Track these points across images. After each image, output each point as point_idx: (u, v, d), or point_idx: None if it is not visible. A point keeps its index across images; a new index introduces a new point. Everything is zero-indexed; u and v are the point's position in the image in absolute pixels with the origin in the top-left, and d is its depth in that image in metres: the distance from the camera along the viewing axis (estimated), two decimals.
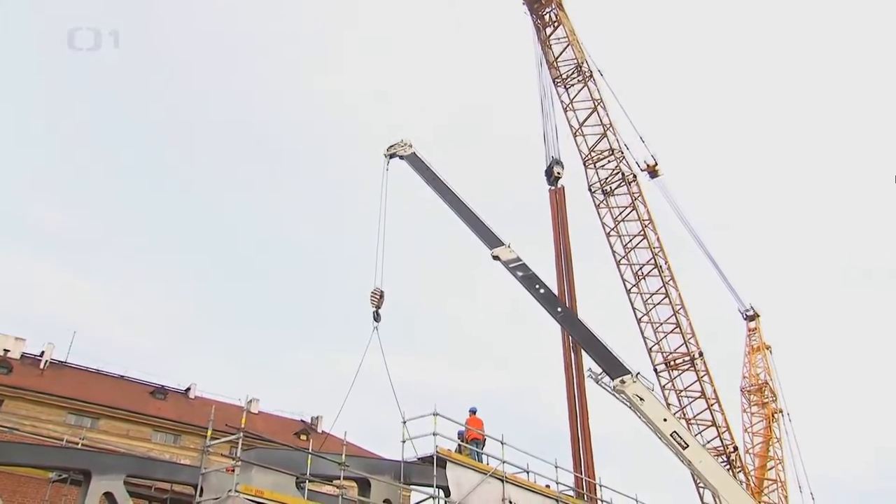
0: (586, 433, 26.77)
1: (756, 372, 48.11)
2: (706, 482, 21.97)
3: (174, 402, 40.39)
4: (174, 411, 38.59)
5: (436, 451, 13.63)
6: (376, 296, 19.47)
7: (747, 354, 49.07)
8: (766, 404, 46.32)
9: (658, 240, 36.95)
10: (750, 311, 49.56)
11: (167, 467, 17.97)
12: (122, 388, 38.94)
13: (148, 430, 36.09)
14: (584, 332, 21.35)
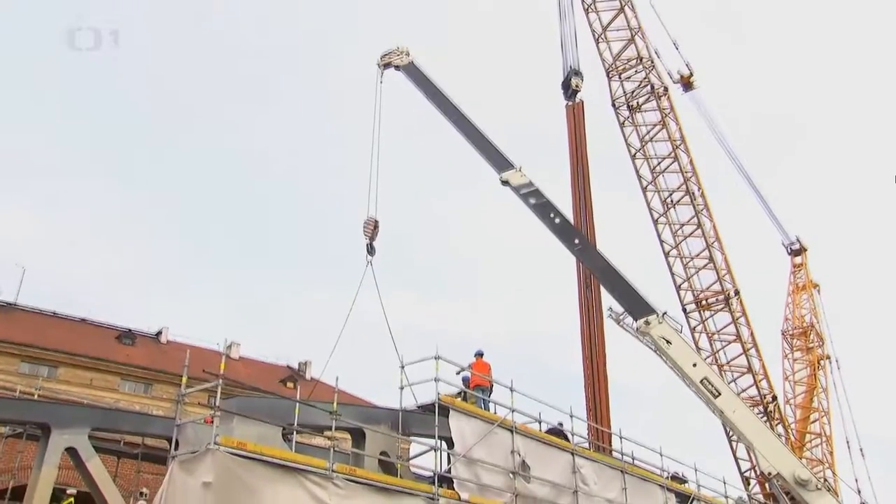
0: (603, 380, 27.29)
1: (801, 313, 48.35)
2: (740, 435, 22.54)
3: (144, 348, 41.00)
4: (144, 357, 39.22)
5: (437, 399, 13.92)
6: (370, 226, 19.49)
7: (791, 294, 49.20)
8: (812, 350, 46.74)
9: (691, 162, 36.68)
10: (796, 245, 49.40)
11: (137, 419, 18.49)
12: (84, 333, 39.41)
13: (115, 378, 36.80)
14: (603, 267, 21.44)
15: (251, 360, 45.17)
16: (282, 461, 10.68)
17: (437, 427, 13.68)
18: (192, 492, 9.83)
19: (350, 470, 11.88)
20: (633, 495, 18.71)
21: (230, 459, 9.96)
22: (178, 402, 11.88)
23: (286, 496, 10.46)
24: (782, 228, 48.32)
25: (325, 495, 10.97)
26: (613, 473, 18.73)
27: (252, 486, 10.08)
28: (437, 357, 14.14)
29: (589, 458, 18.15)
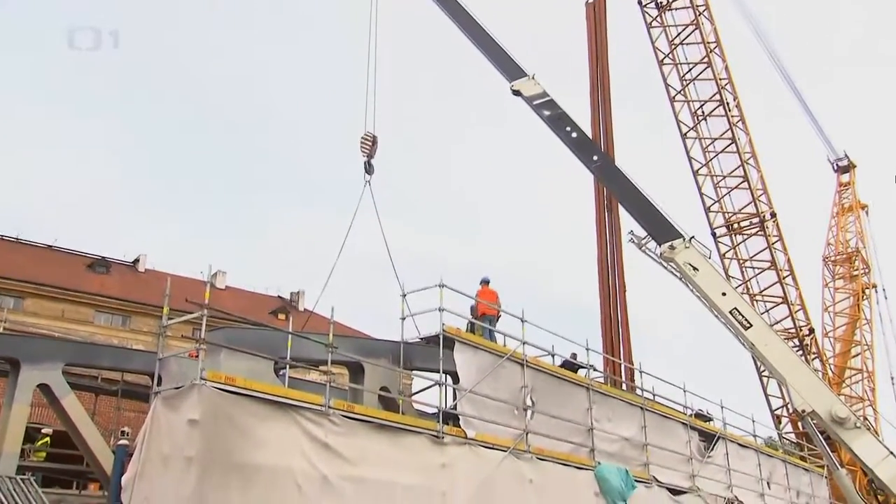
0: (623, 311, 27.61)
1: (845, 237, 48.21)
2: (772, 369, 22.92)
3: (119, 277, 41.43)
4: (120, 288, 39.68)
5: (442, 330, 14.16)
6: (368, 142, 19.39)
7: (835, 216, 48.95)
8: (856, 278, 46.82)
9: (726, 68, 36.05)
10: (843, 161, 48.83)
11: (116, 353, 18.83)
12: (52, 261, 39.75)
13: (88, 310, 37.34)
14: (624, 186, 21.38)
15: (238, 291, 45.65)
16: (274, 397, 10.95)
17: (442, 360, 13.95)
18: (177, 429, 10.12)
19: (348, 406, 12.20)
20: (653, 434, 19.24)
21: (218, 395, 10.21)
22: (159, 335, 12.07)
23: (279, 434, 10.78)
24: (829, 142, 47.67)
25: (322, 433, 11.30)
26: (632, 411, 19.21)
27: (242, 423, 10.37)
28: (441, 285, 14.29)
29: (605, 393, 18.57)
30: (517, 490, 14.45)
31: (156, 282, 39.13)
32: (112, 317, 37.94)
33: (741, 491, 22.56)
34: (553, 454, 15.70)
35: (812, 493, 27.66)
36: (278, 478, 10.50)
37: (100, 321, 37.35)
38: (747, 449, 24.39)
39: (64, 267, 39.54)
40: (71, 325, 35.15)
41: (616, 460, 17.42)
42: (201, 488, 9.61)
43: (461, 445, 13.64)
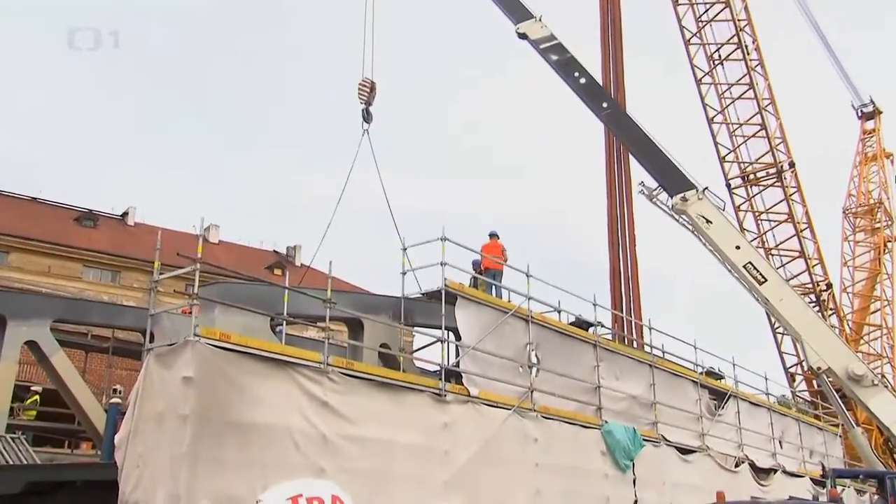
0: (633, 265, 27.70)
1: (868, 188, 47.98)
2: (787, 326, 23.15)
3: (108, 231, 41.50)
4: (109, 242, 39.77)
5: (444, 285, 14.25)
6: (366, 88, 19.28)
7: (858, 165, 48.64)
8: (877, 230, 46.76)
9: (745, 8, 35.56)
10: (868, 107, 48.29)
11: (106, 309, 19.01)
12: (36, 214, 39.78)
13: (76, 265, 37.50)
14: (635, 134, 21.34)
15: (232, 245, 45.78)
16: (271, 354, 11.07)
17: (444, 316, 14.06)
18: (170, 387, 10.26)
19: (347, 364, 12.34)
20: (662, 392, 19.47)
21: (212, 352, 10.33)
22: (151, 290, 12.14)
23: (276, 392, 10.93)
24: (854, 87, 47.08)
25: (320, 391, 11.46)
26: (640, 368, 19.41)
27: (238, 381, 10.51)
28: (443, 238, 14.34)
29: (613, 350, 18.75)
30: (521, 449, 14.69)
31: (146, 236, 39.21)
32: (101, 272, 38.11)
33: (752, 450, 22.90)
34: (559, 413, 15.91)
35: (826, 452, 28.05)
36: (276, 436, 10.68)
37: (88, 277, 37.53)
38: (759, 408, 24.69)
39: (49, 220, 39.57)
40: (58, 281, 35.32)
41: (623, 419, 17.67)
42: (196, 446, 9.79)
43: (464, 404, 13.83)
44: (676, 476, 18.67)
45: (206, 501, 9.73)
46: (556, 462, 15.22)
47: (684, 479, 18.68)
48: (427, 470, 12.70)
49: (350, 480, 11.04)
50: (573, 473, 15.63)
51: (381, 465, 11.74)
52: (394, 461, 12.01)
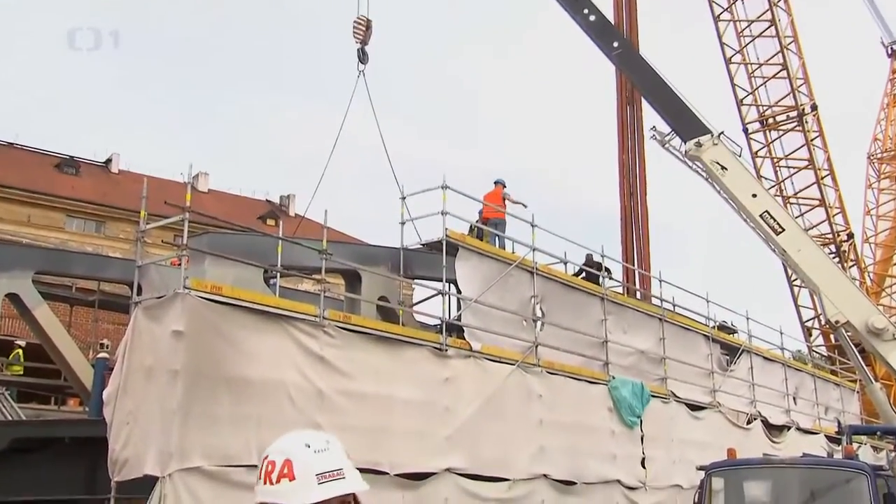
0: (643, 215, 27.72)
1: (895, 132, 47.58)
2: (805, 278, 23.22)
3: (92, 179, 41.42)
4: (92, 190, 39.74)
5: (445, 235, 14.31)
6: (361, 26, 19.05)
7: (886, 107, 48.18)
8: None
9: None
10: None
11: (90, 261, 19.10)
12: (14, 160, 39.60)
13: (59, 215, 37.53)
14: (647, 76, 21.16)
15: (222, 194, 45.74)
16: (264, 307, 11.18)
17: (445, 268, 14.14)
18: (160, 341, 10.38)
19: (344, 317, 12.46)
20: (672, 346, 19.66)
21: (203, 305, 10.43)
22: (137, 241, 12.21)
23: (271, 346, 11.06)
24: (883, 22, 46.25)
25: (316, 345, 11.59)
26: (649, 322, 19.58)
27: (231, 335, 10.63)
28: (443, 186, 14.36)
29: (621, 304, 18.89)
30: (525, 405, 14.90)
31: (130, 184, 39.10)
32: (85, 222, 38.13)
33: (765, 407, 23.20)
34: (564, 368, 16.10)
35: (842, 408, 28.42)
36: (270, 391, 10.84)
37: (71, 227, 37.56)
38: (773, 363, 24.95)
39: (29, 167, 39.44)
40: (40, 232, 35.34)
41: (631, 374, 17.88)
42: (188, 402, 9.94)
43: (465, 359, 13.99)
44: (686, 433, 18.96)
45: (199, 458, 9.93)
46: (560, 418, 15.45)
47: (694, 436, 18.97)
48: (427, 426, 12.90)
49: (347, 437, 11.21)
50: (578, 430, 15.87)
51: (379, 421, 11.93)
52: (393, 417, 12.20)
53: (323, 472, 1.70)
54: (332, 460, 1.71)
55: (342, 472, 1.71)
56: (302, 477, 1.70)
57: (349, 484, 1.73)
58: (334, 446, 1.76)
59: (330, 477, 1.70)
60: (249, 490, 7.90)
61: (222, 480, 10.10)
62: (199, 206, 17.08)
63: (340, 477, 1.73)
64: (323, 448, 1.75)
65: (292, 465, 1.72)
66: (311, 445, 1.76)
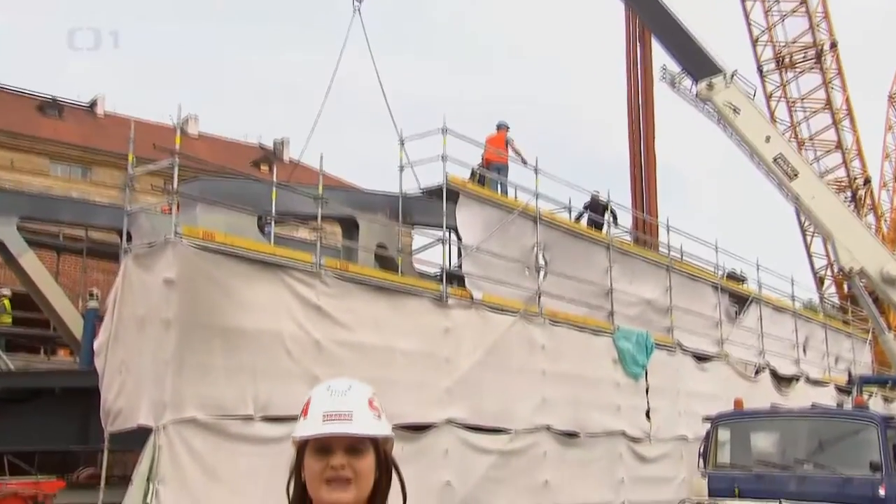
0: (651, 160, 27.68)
1: None
2: (818, 224, 23.31)
3: (76, 122, 41.16)
4: (76, 134, 39.52)
5: (445, 181, 14.32)
6: None
7: None
8: None
9: None
10: None
11: (77, 207, 19.14)
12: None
13: (42, 160, 37.39)
14: (657, 12, 20.93)
15: (213, 138, 45.46)
16: (258, 255, 11.26)
17: (445, 215, 14.18)
18: (152, 290, 10.48)
19: (341, 266, 12.55)
20: (679, 296, 19.79)
21: (195, 253, 10.51)
22: (126, 186, 12.24)
23: (266, 296, 11.16)
24: None
25: (313, 295, 11.70)
26: (656, 271, 19.68)
27: (224, 284, 10.72)
28: (443, 130, 14.33)
29: (627, 252, 18.97)
30: (528, 356, 15.07)
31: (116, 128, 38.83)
32: (70, 167, 37.94)
33: (774, 357, 23.44)
34: (567, 318, 16.25)
35: (853, 358, 28.70)
36: (266, 342, 10.97)
37: (56, 172, 37.39)
38: (783, 313, 25.12)
39: (9, 109, 39.10)
40: (23, 177, 35.21)
41: (637, 324, 18.04)
42: (182, 352, 10.09)
43: (466, 308, 14.12)
44: (692, 384, 19.20)
45: (193, 409, 10.10)
46: (563, 369, 15.64)
47: (700, 387, 19.21)
48: (427, 378, 13.08)
49: None
50: (582, 381, 16.08)
51: (378, 372, 12.07)
52: (392, 368, 12.36)
53: (330, 412, 1.76)
54: (345, 403, 1.78)
55: (350, 415, 1.76)
56: (312, 415, 1.78)
57: (350, 425, 1.75)
58: (355, 392, 1.82)
59: (335, 417, 1.75)
60: (246, 441, 8.10)
61: (218, 431, 10.29)
62: (190, 150, 17.05)
63: (346, 419, 1.75)
64: (341, 391, 1.82)
65: (310, 403, 1.81)
66: (332, 387, 1.83)
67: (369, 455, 1.78)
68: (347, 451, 1.75)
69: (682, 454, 18.00)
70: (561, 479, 15.17)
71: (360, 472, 1.76)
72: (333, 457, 1.74)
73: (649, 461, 17.50)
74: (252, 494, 9.66)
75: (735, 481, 11.27)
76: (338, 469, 1.73)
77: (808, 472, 10.97)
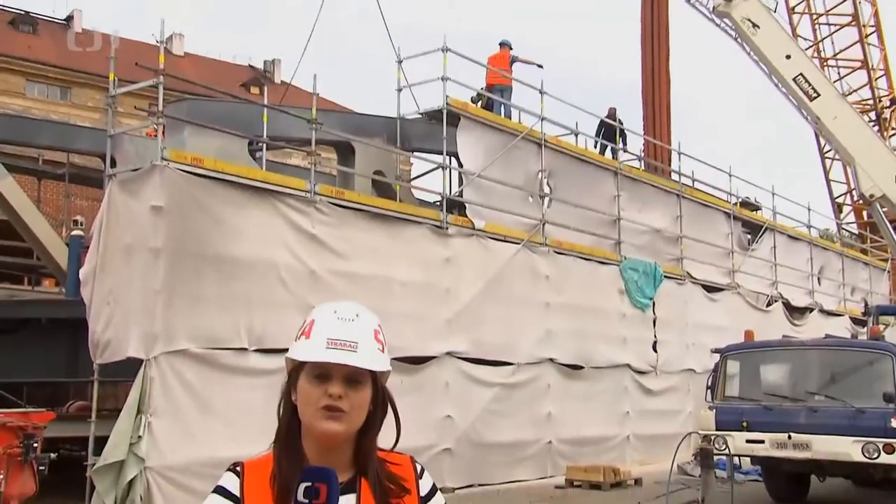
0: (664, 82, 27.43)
1: None
2: (839, 148, 23.19)
3: (51, 40, 40.67)
4: (53, 52, 39.10)
5: (445, 103, 14.28)
6: None
7: None
8: None
9: None
10: None
11: (57, 129, 19.07)
12: None
13: (18, 79, 37.09)
14: None
15: (200, 58, 44.99)
16: (250, 181, 11.31)
17: (445, 139, 14.17)
18: (138, 218, 10.54)
19: (337, 192, 12.60)
20: (690, 225, 19.88)
21: (184, 179, 10.55)
22: (108, 107, 12.18)
23: (258, 224, 11.25)
24: None
25: (308, 223, 11.79)
26: (666, 198, 19.73)
27: (214, 211, 10.80)
28: (444, 49, 14.23)
29: (636, 178, 18.98)
30: (531, 287, 15.24)
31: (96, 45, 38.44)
32: (48, 88, 37.66)
33: (787, 288, 23.64)
34: (573, 247, 16.38)
35: (870, 289, 28.91)
36: (260, 272, 11.11)
37: (33, 93, 37.13)
38: (798, 241, 25.24)
39: None
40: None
41: (645, 254, 18.18)
42: (172, 282, 10.22)
43: (467, 237, 14.23)
44: (701, 316, 19.43)
45: (185, 340, 10.28)
46: (568, 301, 15.83)
47: (709, 319, 19.44)
48: (427, 309, 13.26)
49: None
50: (587, 313, 16.29)
51: (376, 303, 12.15)
52: (390, 299, 12.51)
53: (335, 339, 1.75)
54: (351, 332, 1.77)
55: (355, 345, 1.75)
56: (315, 338, 1.76)
57: (354, 357, 1.75)
58: (363, 321, 1.80)
59: (339, 345, 1.74)
60: (239, 373, 8.30)
61: (211, 363, 10.50)
62: (175, 71, 16.93)
63: (351, 349, 1.75)
64: (349, 318, 1.79)
65: (313, 325, 1.80)
66: (338, 312, 1.82)
67: (367, 387, 1.78)
68: (346, 380, 1.75)
69: (689, 387, 18.34)
70: (564, 412, 15.49)
71: (357, 404, 1.76)
72: (331, 385, 1.74)
73: (655, 394, 17.84)
74: (247, 427, 9.88)
75: (743, 414, 11.46)
76: (335, 398, 1.73)
77: (819, 403, 11.12)
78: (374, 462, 1.82)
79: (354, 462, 1.81)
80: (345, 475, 1.76)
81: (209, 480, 1.88)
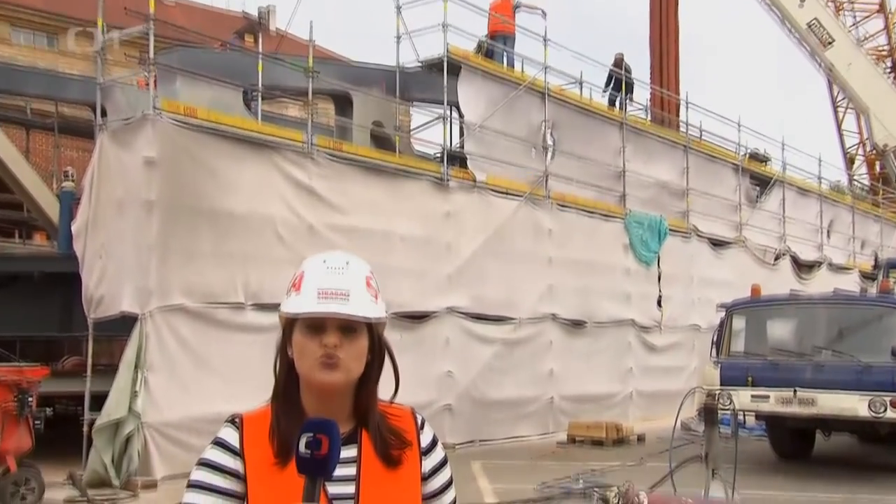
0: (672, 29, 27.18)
1: None
2: (852, 97, 23.13)
3: None
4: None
5: (446, 52, 14.19)
6: None
7: None
8: None
9: None
10: None
11: (45, 79, 18.94)
12: None
13: (2, 25, 36.78)
14: None
15: (192, 6, 44.58)
16: (245, 133, 11.29)
17: (446, 90, 14.10)
18: (130, 170, 10.54)
19: (334, 145, 12.59)
20: (697, 178, 19.85)
21: (176, 130, 10.54)
22: (98, 55, 12.11)
23: (254, 177, 11.25)
24: None
25: (305, 176, 11.78)
26: (672, 151, 19.68)
27: (209, 163, 10.79)
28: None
29: (641, 130, 18.91)
30: (534, 242, 15.28)
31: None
32: (34, 35, 37.31)
33: (795, 242, 23.66)
34: (576, 202, 16.39)
35: (881, 243, 28.91)
36: (256, 226, 11.14)
37: (19, 40, 36.80)
38: (808, 195, 25.19)
39: None
40: None
41: (650, 208, 18.18)
42: (166, 237, 10.26)
43: (469, 191, 14.24)
44: (707, 271, 19.50)
45: (180, 295, 10.35)
46: (571, 256, 15.88)
47: (715, 274, 19.50)
48: (428, 264, 13.32)
49: None
50: (590, 268, 16.34)
51: (375, 258, 12.00)
52: (390, 254, 12.56)
53: (325, 289, 1.74)
54: (342, 281, 1.75)
55: (347, 294, 1.75)
56: (306, 291, 1.76)
57: (347, 306, 1.75)
58: (353, 269, 1.79)
59: (331, 295, 1.74)
60: (236, 329, 8.37)
61: (207, 319, 10.58)
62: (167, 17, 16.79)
63: (343, 297, 1.75)
64: (338, 267, 1.78)
65: (302, 277, 1.80)
66: (327, 262, 1.81)
67: (363, 336, 1.79)
68: (340, 330, 1.75)
69: (693, 344, 18.43)
70: (567, 368, 15.62)
71: (353, 353, 1.77)
72: (326, 335, 1.74)
73: (659, 350, 17.97)
74: (243, 383, 9.96)
75: (749, 370, 11.54)
76: (330, 348, 1.74)
77: (826, 359, 11.19)
78: (374, 413, 1.84)
79: (354, 414, 1.83)
80: (345, 427, 1.78)
81: (206, 436, 1.91)
